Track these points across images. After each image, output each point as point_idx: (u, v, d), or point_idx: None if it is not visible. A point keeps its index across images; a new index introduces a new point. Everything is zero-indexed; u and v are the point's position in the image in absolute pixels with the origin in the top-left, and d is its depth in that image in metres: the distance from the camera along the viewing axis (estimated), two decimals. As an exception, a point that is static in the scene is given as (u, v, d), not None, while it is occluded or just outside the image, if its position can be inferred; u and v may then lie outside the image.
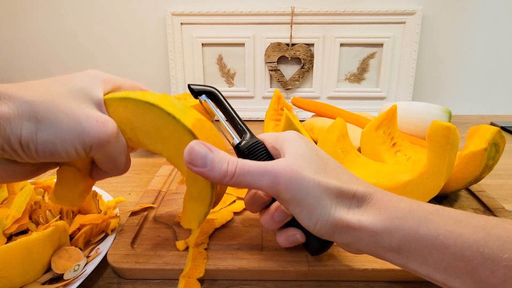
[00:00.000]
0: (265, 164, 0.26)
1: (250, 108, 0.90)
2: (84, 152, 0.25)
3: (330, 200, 0.25)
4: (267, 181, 0.25)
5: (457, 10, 0.85)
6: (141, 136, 0.29)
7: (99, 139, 0.25)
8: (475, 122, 0.83)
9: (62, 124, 0.24)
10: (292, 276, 0.32)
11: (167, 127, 0.28)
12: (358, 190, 0.26)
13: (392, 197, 0.25)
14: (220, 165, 0.26)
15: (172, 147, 0.28)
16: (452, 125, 0.35)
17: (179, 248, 0.33)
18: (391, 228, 0.23)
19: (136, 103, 0.28)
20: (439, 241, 0.21)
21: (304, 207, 0.25)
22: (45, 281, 0.30)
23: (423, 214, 0.23)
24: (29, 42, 0.90)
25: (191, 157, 0.26)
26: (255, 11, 0.83)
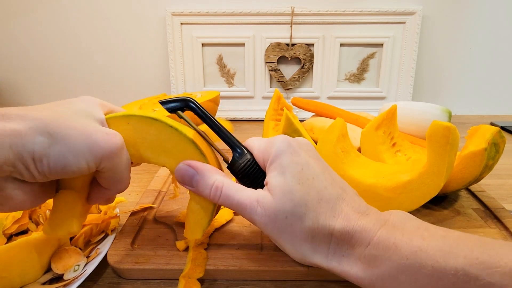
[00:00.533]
0: (250, 200, 0.27)
1: (250, 108, 0.90)
2: (95, 165, 0.25)
3: (306, 243, 0.26)
4: (247, 215, 0.27)
5: (457, 10, 0.85)
6: (143, 150, 0.30)
7: (109, 151, 0.25)
8: (475, 122, 0.83)
9: (73, 137, 0.24)
10: (292, 276, 0.32)
11: (170, 139, 0.29)
12: (335, 228, 0.25)
13: (371, 236, 0.24)
14: (203, 189, 0.28)
15: (175, 158, 0.29)
16: (452, 125, 0.35)
17: (179, 248, 0.33)
18: (372, 278, 0.24)
19: (139, 119, 0.29)
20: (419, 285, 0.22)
21: (281, 246, 0.27)
22: (45, 281, 0.30)
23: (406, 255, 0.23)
24: (29, 42, 0.90)
25: (179, 178, 0.29)
26: (255, 11, 0.83)
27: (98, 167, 0.26)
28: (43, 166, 0.23)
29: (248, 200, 0.27)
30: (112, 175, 0.27)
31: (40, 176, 0.24)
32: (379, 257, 0.24)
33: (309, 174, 0.27)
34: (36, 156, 0.23)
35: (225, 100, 0.89)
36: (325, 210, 0.26)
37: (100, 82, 0.93)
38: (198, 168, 0.28)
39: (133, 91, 0.94)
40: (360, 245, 0.25)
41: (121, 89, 0.94)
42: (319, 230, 0.25)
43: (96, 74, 0.93)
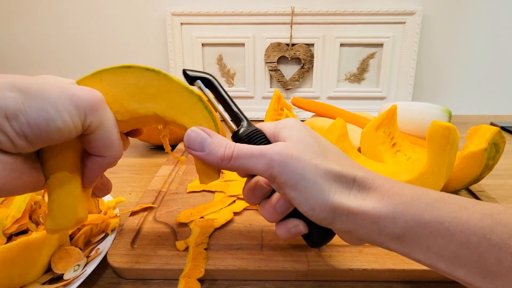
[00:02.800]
0: (262, 147, 0.26)
1: (250, 108, 0.90)
2: (80, 121, 0.22)
3: (329, 184, 0.24)
4: (262, 163, 0.25)
5: (457, 10, 0.85)
6: (127, 103, 0.27)
7: (92, 101, 0.23)
8: (475, 122, 0.83)
9: (49, 91, 0.21)
10: (292, 276, 0.32)
11: (152, 83, 0.27)
12: (358, 175, 0.25)
13: (395, 183, 0.24)
14: (217, 149, 0.26)
15: (163, 101, 0.28)
16: (452, 125, 0.35)
17: (179, 248, 0.33)
18: (395, 214, 0.22)
19: (111, 71, 0.27)
20: (444, 228, 0.21)
21: (301, 191, 0.24)
22: (45, 281, 0.30)
23: (427, 200, 0.22)
24: (29, 42, 0.90)
25: (189, 142, 0.27)
26: (255, 11, 0.83)
27: (84, 123, 0.23)
28: (21, 124, 0.20)
29: (264, 148, 0.25)
30: (102, 134, 0.24)
31: (20, 140, 0.20)
32: (404, 194, 0.23)
33: (322, 139, 0.28)
34: (9, 113, 0.19)
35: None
36: (346, 161, 0.26)
37: (100, 82, 0.93)
38: (211, 132, 0.27)
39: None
40: (383, 187, 0.24)
41: (121, 89, 0.94)
42: (342, 174, 0.25)
43: (96, 74, 0.93)
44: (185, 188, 0.46)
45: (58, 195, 0.25)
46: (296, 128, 0.27)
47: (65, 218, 0.25)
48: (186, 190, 0.46)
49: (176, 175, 0.50)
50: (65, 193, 0.25)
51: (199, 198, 0.43)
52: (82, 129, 0.23)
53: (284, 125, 0.28)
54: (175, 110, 0.28)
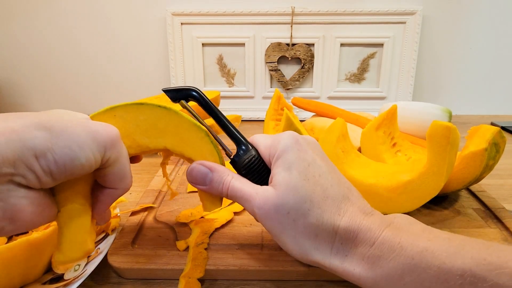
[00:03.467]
0: (251, 191, 0.27)
1: (250, 108, 0.90)
2: (100, 156, 0.24)
3: (309, 240, 0.25)
4: (248, 208, 0.28)
5: (457, 10, 0.85)
6: (139, 138, 0.29)
7: (111, 137, 0.24)
8: (476, 122, 0.83)
9: (73, 129, 0.22)
10: (292, 276, 0.32)
11: (161, 119, 0.29)
12: (340, 226, 0.25)
13: (380, 233, 0.24)
14: (217, 185, 0.29)
15: (173, 136, 0.29)
16: (452, 125, 0.35)
17: (180, 248, 0.33)
18: (376, 281, 0.24)
19: (124, 108, 0.29)
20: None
21: (282, 243, 0.27)
22: (45, 281, 0.30)
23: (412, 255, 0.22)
24: (29, 42, 0.90)
25: (191, 177, 0.29)
26: (255, 11, 0.83)
27: (103, 158, 0.24)
28: (48, 162, 0.21)
29: (250, 192, 0.27)
30: (118, 168, 0.26)
31: (46, 177, 0.21)
32: (384, 257, 0.23)
33: (316, 171, 0.27)
34: (38, 152, 0.20)
35: (226, 100, 0.89)
36: (331, 208, 0.25)
37: (100, 82, 0.94)
38: (211, 166, 0.29)
39: (133, 91, 0.94)
40: (364, 245, 0.24)
41: (121, 89, 0.94)
42: (323, 228, 0.25)
43: (96, 74, 0.93)
44: (186, 188, 0.46)
45: (68, 229, 0.25)
46: (288, 159, 0.27)
47: (75, 251, 0.26)
48: (186, 190, 0.46)
49: (177, 175, 0.51)
50: (75, 227, 0.26)
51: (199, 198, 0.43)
52: (101, 164, 0.24)
53: (280, 152, 0.28)
54: (184, 144, 0.30)
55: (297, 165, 0.26)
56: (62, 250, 0.25)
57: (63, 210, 0.25)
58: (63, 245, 0.25)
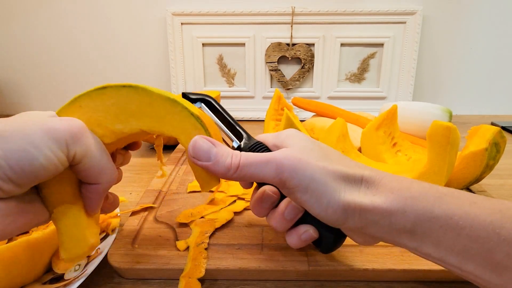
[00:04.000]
0: (269, 153, 0.26)
1: (250, 108, 0.90)
2: (63, 154, 0.22)
3: (338, 183, 0.25)
4: (271, 169, 0.25)
5: (458, 10, 0.85)
6: (111, 125, 0.27)
7: (70, 132, 0.22)
8: (476, 122, 0.83)
9: (26, 130, 0.21)
10: (292, 276, 0.32)
11: (131, 100, 0.27)
12: (365, 173, 0.25)
13: (403, 179, 0.25)
14: (224, 158, 0.26)
15: (147, 116, 0.27)
16: (453, 125, 0.35)
17: (180, 248, 0.33)
18: (405, 208, 0.23)
19: (89, 96, 0.27)
20: (454, 222, 0.21)
21: (312, 193, 0.24)
22: (45, 281, 0.30)
23: (436, 194, 0.22)
24: (29, 42, 0.90)
25: (195, 151, 0.26)
26: (255, 11, 0.83)
27: (69, 156, 0.23)
28: (3, 169, 0.20)
29: (271, 155, 0.25)
30: (89, 162, 0.24)
31: (7, 185, 0.20)
32: (414, 188, 0.23)
33: (324, 146, 0.28)
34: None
35: (226, 100, 0.89)
36: (351, 164, 0.26)
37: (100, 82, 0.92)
38: (214, 141, 0.27)
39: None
40: (391, 184, 0.24)
41: (121, 89, 0.94)
42: (350, 175, 0.25)
43: (96, 74, 0.93)
44: (186, 188, 0.46)
45: (65, 227, 0.25)
46: (297, 137, 0.28)
47: (77, 247, 0.26)
48: (186, 190, 0.46)
49: (177, 175, 0.50)
50: (71, 224, 0.25)
51: (199, 198, 0.43)
52: (68, 161, 0.23)
53: (286, 135, 0.28)
54: (161, 123, 0.27)
55: (309, 139, 0.28)
56: (64, 248, 0.25)
57: (55, 211, 0.25)
58: (64, 244, 0.25)
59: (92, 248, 0.26)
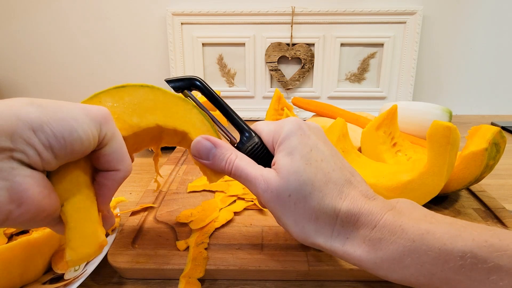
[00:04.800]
0: (255, 174, 0.27)
1: (250, 108, 0.90)
2: (97, 132, 0.23)
3: (310, 223, 0.25)
4: (252, 188, 0.27)
5: (458, 10, 0.85)
6: (128, 118, 0.29)
7: (103, 114, 0.24)
8: (476, 122, 0.83)
9: (65, 106, 0.22)
10: (292, 276, 0.32)
11: (148, 98, 0.30)
12: (342, 209, 0.25)
13: (381, 217, 0.24)
14: (219, 162, 0.29)
15: (161, 112, 0.30)
16: (453, 125, 0.35)
17: (180, 248, 0.33)
18: (376, 264, 0.24)
19: (108, 93, 0.29)
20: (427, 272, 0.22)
21: (284, 225, 0.27)
22: (45, 281, 0.30)
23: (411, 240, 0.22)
24: (29, 42, 0.90)
25: (197, 150, 0.29)
26: (255, 11, 0.83)
27: (100, 135, 0.23)
28: (47, 135, 0.20)
29: (254, 174, 0.27)
30: (115, 145, 0.25)
31: (46, 152, 0.20)
32: (385, 240, 0.23)
33: (318, 156, 0.26)
34: (35, 125, 0.20)
35: (226, 100, 0.89)
36: (332, 192, 0.25)
37: (100, 82, 0.94)
38: (216, 142, 0.29)
39: (134, 91, 0.94)
40: (365, 228, 0.24)
41: (121, 89, 0.94)
42: (324, 211, 0.25)
43: (96, 74, 0.93)
44: (186, 188, 0.46)
45: (76, 221, 0.23)
46: (290, 144, 0.27)
47: (87, 245, 0.24)
48: (186, 190, 0.46)
49: (177, 175, 0.50)
50: (83, 218, 0.24)
51: (199, 198, 0.43)
52: (99, 140, 0.24)
53: (282, 138, 0.28)
54: (174, 118, 0.30)
55: (300, 149, 0.26)
56: (73, 246, 0.23)
57: (66, 203, 0.23)
58: (73, 241, 0.23)
59: (101, 247, 0.24)
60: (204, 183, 0.47)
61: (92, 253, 0.24)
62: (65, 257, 0.23)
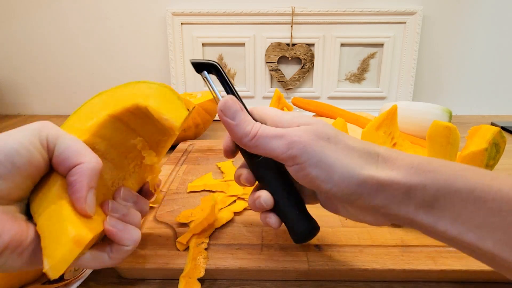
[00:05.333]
0: (284, 130, 0.26)
1: (250, 108, 0.90)
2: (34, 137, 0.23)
3: (353, 159, 0.24)
4: (282, 144, 0.25)
5: (457, 10, 0.85)
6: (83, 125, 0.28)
7: (38, 123, 0.24)
8: (476, 122, 0.83)
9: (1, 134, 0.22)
10: (292, 276, 0.32)
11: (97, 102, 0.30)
12: (381, 151, 0.25)
13: (420, 156, 0.24)
14: (246, 124, 0.27)
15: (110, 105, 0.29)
16: (453, 125, 0.35)
17: (179, 248, 0.33)
18: (426, 181, 0.22)
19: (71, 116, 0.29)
20: (476, 195, 0.20)
21: (323, 168, 0.24)
22: (45, 281, 0.30)
23: (457, 169, 0.22)
24: (29, 42, 0.90)
25: (225, 107, 0.27)
26: (255, 11, 0.83)
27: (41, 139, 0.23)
28: None
29: (285, 130, 0.26)
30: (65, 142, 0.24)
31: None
32: (433, 163, 0.23)
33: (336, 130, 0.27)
34: None
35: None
36: (365, 142, 0.26)
37: (100, 82, 0.94)
38: (242, 107, 0.28)
39: (134, 91, 0.94)
40: (410, 160, 0.24)
41: (121, 89, 0.94)
42: (365, 151, 0.25)
43: (96, 74, 0.93)
44: (186, 188, 0.46)
45: (46, 229, 0.22)
46: (308, 117, 0.28)
47: (60, 245, 0.21)
48: (186, 190, 0.46)
49: (177, 175, 0.50)
50: (52, 222, 0.22)
51: (199, 198, 0.43)
52: (42, 146, 0.23)
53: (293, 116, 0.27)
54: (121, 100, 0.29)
55: (318, 119, 0.27)
56: (47, 253, 0.21)
57: (39, 218, 0.22)
58: (47, 248, 0.21)
59: (77, 242, 0.21)
60: (204, 183, 0.47)
61: (68, 251, 0.21)
62: (43, 267, 0.21)
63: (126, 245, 0.25)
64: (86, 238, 0.22)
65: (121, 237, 0.25)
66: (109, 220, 0.25)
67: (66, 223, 0.22)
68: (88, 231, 0.22)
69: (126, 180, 0.31)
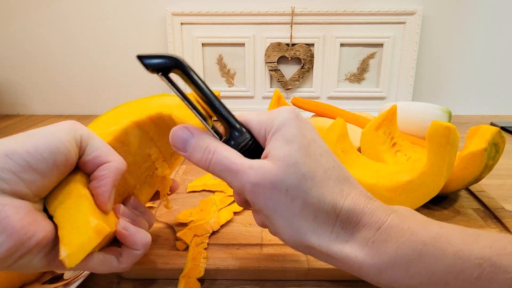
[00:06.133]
0: (242, 165, 0.23)
1: (250, 108, 0.90)
2: (70, 136, 0.23)
3: (306, 221, 0.22)
4: (236, 183, 0.23)
5: (457, 10, 0.85)
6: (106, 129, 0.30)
7: (71, 122, 0.25)
8: (475, 122, 0.83)
9: (33, 131, 0.23)
10: (292, 276, 0.32)
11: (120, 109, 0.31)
12: (343, 208, 0.22)
13: (384, 219, 0.22)
14: (196, 153, 0.25)
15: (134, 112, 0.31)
16: (452, 125, 0.35)
17: (179, 248, 0.33)
18: (380, 266, 0.21)
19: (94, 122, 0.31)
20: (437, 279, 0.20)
21: (273, 224, 0.23)
22: (45, 281, 0.30)
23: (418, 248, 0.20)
24: (29, 42, 0.90)
25: (172, 140, 0.26)
26: (255, 11, 0.83)
27: (76, 138, 0.24)
28: (21, 154, 0.21)
29: (240, 166, 0.23)
30: (97, 143, 0.25)
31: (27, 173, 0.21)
32: (391, 242, 0.21)
33: (317, 150, 0.24)
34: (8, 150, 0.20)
35: (225, 100, 0.89)
36: (333, 189, 0.23)
37: (100, 82, 0.94)
38: (195, 131, 0.25)
39: (133, 91, 0.94)
40: (368, 229, 0.22)
41: (121, 89, 0.94)
42: (324, 209, 0.22)
43: (96, 74, 0.93)
44: (185, 188, 0.46)
45: (66, 219, 0.22)
46: (288, 132, 0.23)
47: (80, 234, 0.21)
48: (186, 190, 0.46)
49: (176, 175, 0.51)
50: (73, 214, 0.22)
51: (199, 198, 0.44)
52: (77, 145, 0.24)
53: (278, 126, 0.24)
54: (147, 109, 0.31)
55: (299, 140, 0.23)
56: (65, 241, 0.21)
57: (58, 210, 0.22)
58: (65, 237, 0.21)
59: (98, 232, 0.22)
60: (204, 183, 0.47)
61: (87, 240, 0.21)
62: (60, 255, 0.20)
63: (137, 249, 0.25)
64: (106, 229, 0.22)
65: (133, 240, 0.25)
66: (121, 223, 0.25)
67: (87, 214, 0.22)
68: (107, 223, 0.23)
69: (136, 189, 0.32)
